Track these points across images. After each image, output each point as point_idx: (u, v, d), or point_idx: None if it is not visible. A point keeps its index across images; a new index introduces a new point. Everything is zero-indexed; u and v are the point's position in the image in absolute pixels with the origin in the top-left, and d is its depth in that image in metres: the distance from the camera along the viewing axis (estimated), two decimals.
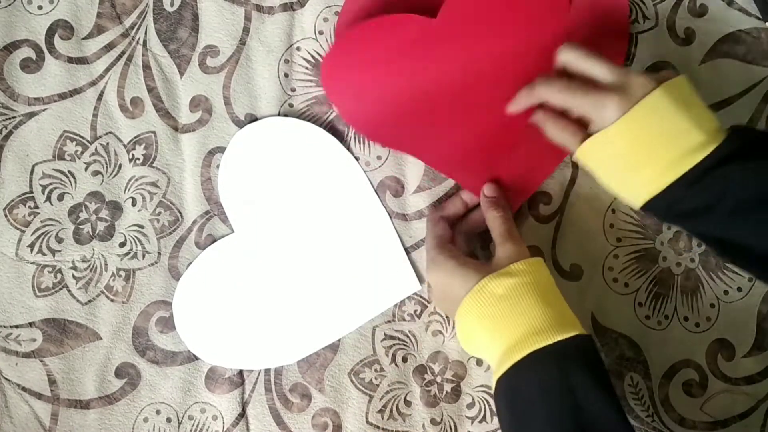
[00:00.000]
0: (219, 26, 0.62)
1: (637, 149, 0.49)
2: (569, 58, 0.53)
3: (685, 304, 0.59)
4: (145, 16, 0.62)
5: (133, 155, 0.61)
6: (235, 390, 0.59)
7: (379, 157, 0.61)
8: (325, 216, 0.60)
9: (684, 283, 0.59)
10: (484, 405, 0.59)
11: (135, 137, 0.61)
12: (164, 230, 0.60)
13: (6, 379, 0.59)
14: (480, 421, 0.59)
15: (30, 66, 0.62)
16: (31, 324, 0.59)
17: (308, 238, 0.59)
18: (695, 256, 0.60)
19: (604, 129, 0.49)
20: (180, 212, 0.61)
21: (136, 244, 0.60)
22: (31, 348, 0.59)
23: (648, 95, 0.48)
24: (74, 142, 0.61)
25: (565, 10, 0.58)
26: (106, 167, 0.61)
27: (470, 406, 0.59)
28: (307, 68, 0.61)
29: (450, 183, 0.61)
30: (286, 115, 0.61)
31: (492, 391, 0.52)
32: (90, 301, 0.60)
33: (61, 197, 0.61)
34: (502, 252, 0.53)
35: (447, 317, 0.60)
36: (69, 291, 0.60)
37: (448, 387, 0.59)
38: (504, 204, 0.57)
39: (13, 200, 0.60)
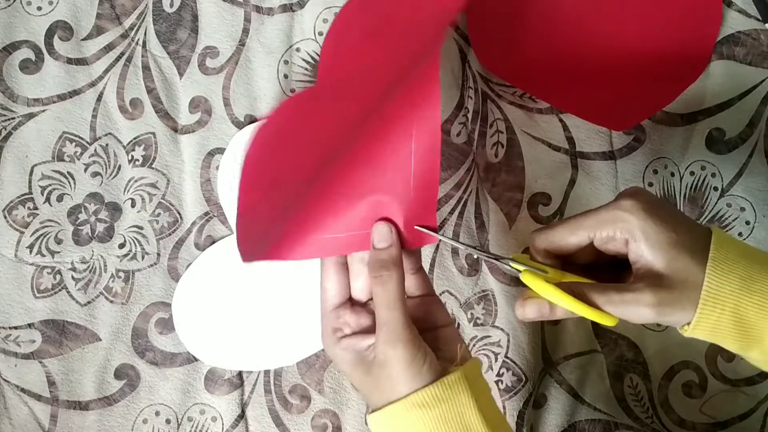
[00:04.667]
0: (218, 27, 0.62)
1: None
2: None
3: None
4: (144, 17, 0.62)
5: (132, 156, 0.61)
6: (235, 391, 0.59)
7: None
8: None
9: None
10: None
11: (134, 138, 0.61)
12: (163, 231, 0.60)
13: (5, 380, 0.59)
14: None
15: (29, 67, 0.62)
16: (30, 325, 0.59)
17: None
18: None
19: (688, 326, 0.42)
20: (179, 213, 0.60)
21: (135, 246, 0.60)
22: (30, 349, 0.59)
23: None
24: (73, 143, 0.61)
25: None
26: (106, 168, 0.61)
27: None
28: (306, 69, 0.61)
29: (451, 183, 0.60)
30: None
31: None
32: (89, 303, 0.59)
33: (60, 198, 0.61)
34: (391, 353, 0.40)
35: None
36: (68, 292, 0.59)
37: None
38: (397, 267, 0.42)
39: (12, 201, 0.60)
